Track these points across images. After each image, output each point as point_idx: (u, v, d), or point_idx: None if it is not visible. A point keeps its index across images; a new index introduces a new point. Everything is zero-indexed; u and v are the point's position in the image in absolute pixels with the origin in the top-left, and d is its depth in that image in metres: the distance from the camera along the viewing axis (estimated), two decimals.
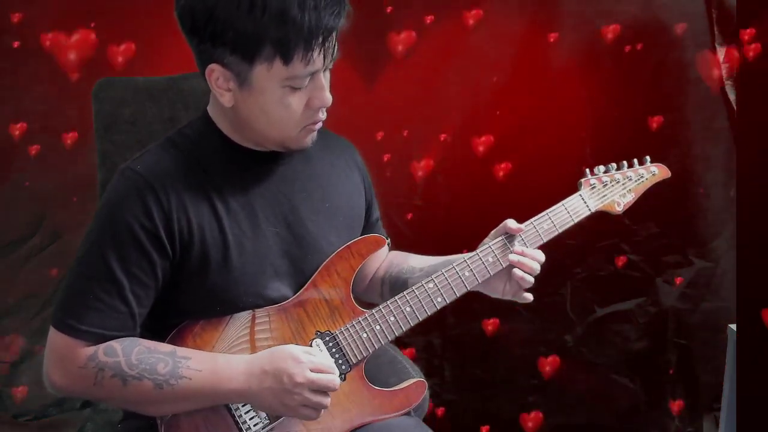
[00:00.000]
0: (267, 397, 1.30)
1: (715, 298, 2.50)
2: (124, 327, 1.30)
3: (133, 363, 1.28)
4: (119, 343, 1.29)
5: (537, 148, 2.43)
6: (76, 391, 1.32)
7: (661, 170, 1.66)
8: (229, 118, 1.37)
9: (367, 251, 1.46)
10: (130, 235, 1.29)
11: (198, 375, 1.29)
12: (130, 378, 1.27)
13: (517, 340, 2.53)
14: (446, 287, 1.45)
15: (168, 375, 1.28)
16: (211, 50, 1.28)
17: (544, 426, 2.56)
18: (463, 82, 2.41)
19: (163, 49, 2.27)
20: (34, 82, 2.35)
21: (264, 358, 1.31)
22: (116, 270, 1.28)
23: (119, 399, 1.31)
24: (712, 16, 2.37)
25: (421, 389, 1.48)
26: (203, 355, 1.32)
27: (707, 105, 2.43)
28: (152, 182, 1.31)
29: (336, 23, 1.27)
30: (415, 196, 2.48)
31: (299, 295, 1.41)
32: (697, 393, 2.52)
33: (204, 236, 1.33)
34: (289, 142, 1.37)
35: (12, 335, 2.42)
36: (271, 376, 1.29)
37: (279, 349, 1.32)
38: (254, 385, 1.29)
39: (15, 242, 2.40)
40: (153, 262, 1.30)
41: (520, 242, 1.48)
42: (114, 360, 1.28)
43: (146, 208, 1.30)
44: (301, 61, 1.26)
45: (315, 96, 1.32)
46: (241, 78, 1.29)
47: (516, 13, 2.40)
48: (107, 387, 1.28)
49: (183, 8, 1.28)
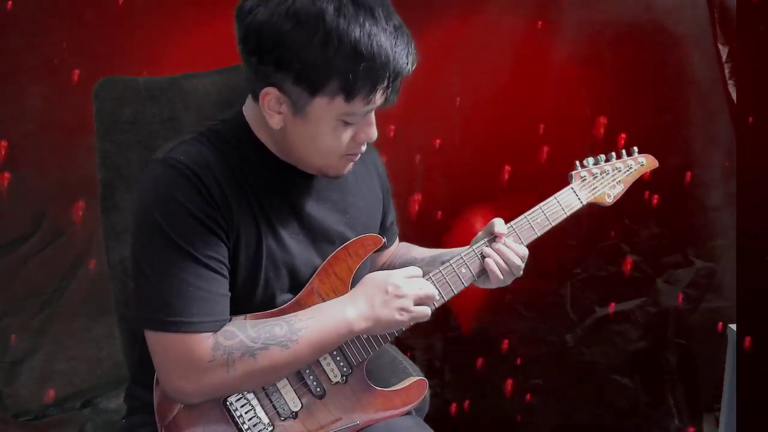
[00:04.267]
0: (378, 311, 1.35)
1: (715, 298, 2.50)
2: (226, 309, 1.30)
3: (253, 336, 1.29)
4: (231, 325, 1.30)
5: (537, 148, 2.44)
6: (210, 388, 1.29)
7: (649, 160, 1.66)
8: (270, 133, 1.36)
9: (365, 251, 1.46)
10: (196, 221, 1.26)
11: (312, 321, 1.32)
12: (258, 351, 1.28)
13: (517, 340, 2.53)
14: (444, 285, 1.45)
15: (288, 333, 1.30)
16: (273, 74, 1.26)
17: (544, 426, 2.56)
18: (462, 82, 2.42)
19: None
20: (34, 81, 2.34)
21: (364, 284, 1.38)
22: (200, 256, 1.26)
23: (257, 375, 1.30)
24: (714, 15, 2.37)
25: (421, 388, 1.49)
26: (304, 311, 1.35)
27: (708, 105, 2.43)
28: (197, 171, 1.28)
29: (405, 68, 1.27)
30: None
31: (298, 298, 1.40)
32: (697, 393, 2.52)
33: (241, 232, 1.32)
34: (328, 169, 1.37)
35: (12, 335, 2.42)
36: (378, 292, 1.36)
37: (372, 275, 1.40)
38: (364, 305, 1.35)
39: (15, 242, 2.40)
40: (222, 241, 1.29)
41: (515, 237, 1.49)
42: (237, 341, 1.28)
43: (199, 193, 1.27)
44: (363, 99, 1.26)
45: (363, 130, 1.33)
46: (298, 107, 1.28)
47: (514, 12, 2.41)
48: (241, 368, 1.27)
49: (248, 27, 1.25)
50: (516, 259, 1.46)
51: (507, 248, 1.46)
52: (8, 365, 2.42)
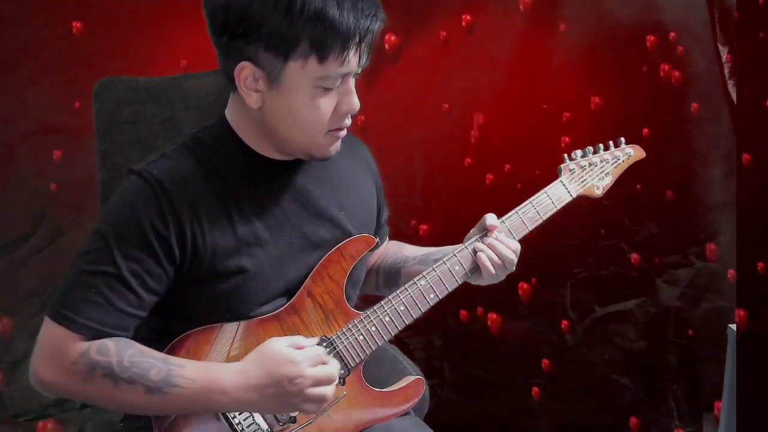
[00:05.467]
0: (268, 403, 1.29)
1: (715, 298, 2.50)
2: (121, 326, 1.29)
3: (125, 366, 1.26)
4: (114, 342, 1.27)
5: (536, 149, 2.44)
6: (63, 388, 1.28)
7: (636, 151, 1.66)
8: (251, 123, 1.36)
9: (358, 252, 1.44)
10: (140, 237, 1.28)
11: (191, 384, 1.27)
12: (121, 381, 1.26)
13: (517, 340, 2.53)
14: (438, 283, 1.45)
15: (161, 382, 1.26)
16: (244, 47, 1.27)
17: (544, 426, 2.56)
18: (461, 82, 2.42)
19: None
20: (34, 80, 2.34)
21: (258, 368, 1.28)
22: (122, 268, 1.27)
23: (108, 400, 1.29)
24: (714, 15, 2.37)
25: (419, 387, 1.49)
26: (196, 364, 1.30)
27: (708, 105, 2.43)
28: (168, 187, 1.30)
29: (373, 25, 1.28)
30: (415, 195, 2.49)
31: (293, 302, 1.39)
32: (697, 393, 2.52)
33: (216, 244, 1.32)
34: (314, 148, 1.36)
35: (12, 335, 2.41)
36: (271, 384, 1.28)
37: (268, 355, 1.29)
38: (253, 396, 1.28)
39: (15, 242, 2.40)
40: (160, 265, 1.29)
41: (507, 232, 1.49)
42: (106, 359, 1.26)
43: (161, 212, 1.28)
44: (336, 60, 1.26)
45: (343, 100, 1.32)
46: (273, 76, 1.28)
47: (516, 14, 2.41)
48: (97, 386, 1.26)
49: (215, 5, 1.28)
50: (508, 252, 1.46)
51: (499, 242, 1.46)
52: (8, 365, 2.42)
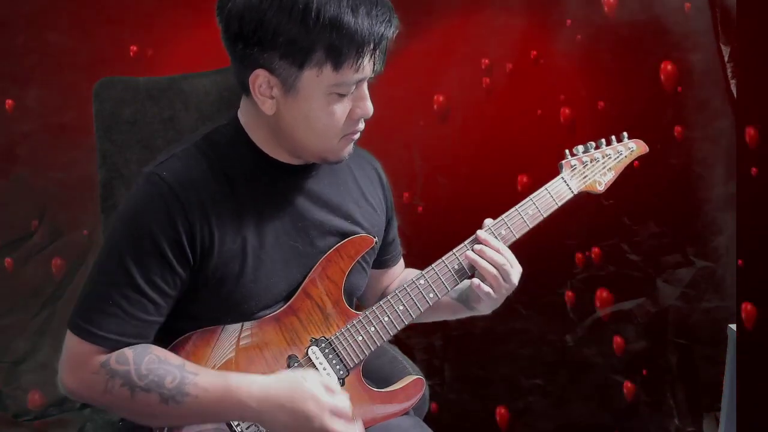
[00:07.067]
0: (276, 424, 1.28)
1: (715, 298, 2.49)
2: (140, 335, 1.30)
3: (143, 373, 1.27)
4: (132, 350, 1.28)
5: (535, 149, 2.43)
6: (86, 396, 1.31)
7: (639, 146, 1.63)
8: (264, 127, 1.36)
9: (356, 252, 1.44)
10: (152, 244, 1.28)
11: (205, 395, 1.26)
12: (138, 389, 1.26)
13: (517, 340, 2.53)
14: (437, 282, 1.45)
15: (174, 390, 1.26)
16: (259, 55, 1.26)
17: (544, 426, 2.56)
18: (461, 81, 2.42)
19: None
20: (34, 80, 2.35)
21: (283, 391, 1.27)
22: (137, 278, 1.27)
23: (126, 409, 1.30)
24: (716, 15, 2.36)
25: (419, 386, 1.49)
26: (214, 373, 1.30)
27: (709, 105, 2.43)
28: (177, 190, 1.29)
29: (387, 31, 1.27)
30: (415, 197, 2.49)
31: (291, 303, 1.39)
32: (697, 393, 2.52)
33: (223, 247, 1.32)
34: (328, 153, 1.36)
35: (12, 335, 2.42)
36: (288, 412, 1.26)
37: (300, 385, 1.28)
38: (266, 415, 1.27)
39: (15, 241, 2.40)
40: (174, 271, 1.29)
41: (507, 230, 1.47)
42: (125, 368, 1.27)
43: (170, 216, 1.28)
44: (351, 67, 1.26)
45: (358, 105, 1.32)
46: (288, 84, 1.28)
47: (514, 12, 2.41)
48: (116, 396, 1.27)
49: (230, 13, 1.27)
50: (498, 257, 1.43)
51: (489, 248, 1.43)
52: (8, 365, 2.42)
